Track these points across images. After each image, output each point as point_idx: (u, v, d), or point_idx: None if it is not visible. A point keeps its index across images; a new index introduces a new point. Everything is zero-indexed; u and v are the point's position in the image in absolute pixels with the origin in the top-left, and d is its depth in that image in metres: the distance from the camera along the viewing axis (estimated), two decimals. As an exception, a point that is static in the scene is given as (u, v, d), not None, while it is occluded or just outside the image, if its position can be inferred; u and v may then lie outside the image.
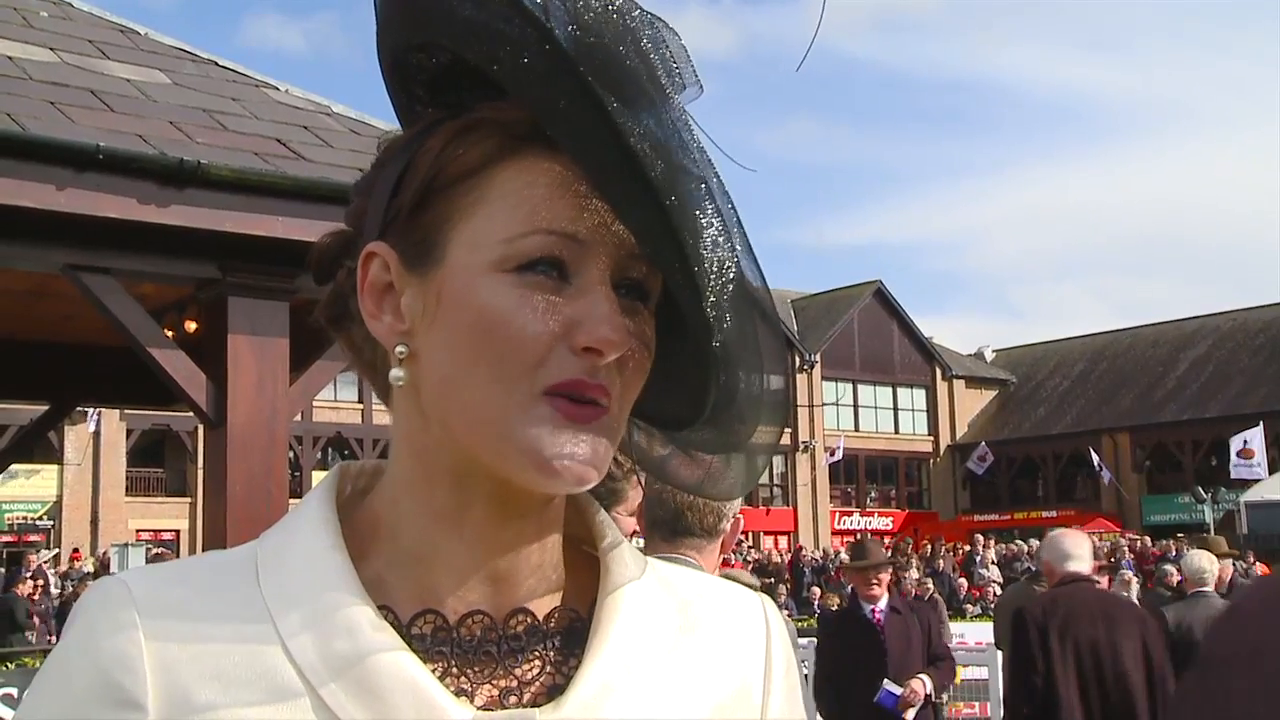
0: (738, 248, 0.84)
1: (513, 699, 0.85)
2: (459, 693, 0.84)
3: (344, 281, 0.90)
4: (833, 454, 43.23)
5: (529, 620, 0.88)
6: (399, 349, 0.85)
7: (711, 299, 0.82)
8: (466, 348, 0.82)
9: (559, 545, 0.91)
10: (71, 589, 20.16)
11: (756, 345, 0.88)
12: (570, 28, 0.79)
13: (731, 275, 0.83)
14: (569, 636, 0.89)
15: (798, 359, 45.18)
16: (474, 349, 0.82)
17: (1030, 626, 5.44)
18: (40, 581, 18.98)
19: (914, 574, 20.90)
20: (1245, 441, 32.56)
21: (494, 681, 0.86)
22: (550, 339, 0.81)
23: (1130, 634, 5.34)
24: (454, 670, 0.85)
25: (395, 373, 0.85)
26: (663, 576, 0.95)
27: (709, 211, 0.82)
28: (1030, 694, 5.36)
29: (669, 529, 2.92)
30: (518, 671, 0.86)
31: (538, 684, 0.86)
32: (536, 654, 0.87)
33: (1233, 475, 31.52)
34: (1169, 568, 13.41)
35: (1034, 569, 9.19)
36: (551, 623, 0.89)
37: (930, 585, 18.44)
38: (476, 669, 0.86)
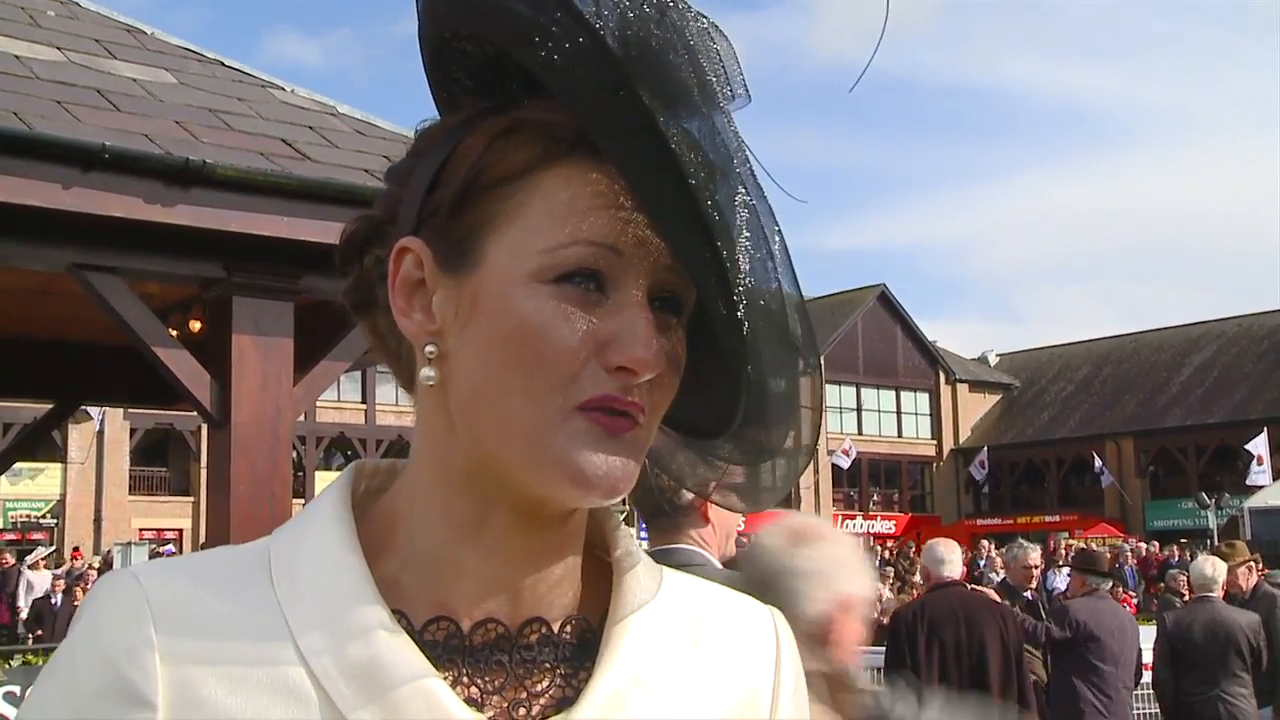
0: (778, 267, 0.83)
1: (521, 710, 0.85)
2: (469, 701, 0.83)
3: (371, 268, 0.88)
4: (848, 454, 43.18)
5: (543, 630, 0.87)
6: (429, 348, 0.84)
7: (746, 320, 0.81)
8: (500, 357, 0.81)
9: (579, 554, 0.90)
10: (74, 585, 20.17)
11: (789, 359, 0.86)
12: (623, 34, 0.77)
13: (768, 290, 0.82)
14: (581, 648, 0.88)
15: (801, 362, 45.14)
16: (508, 359, 0.80)
17: (902, 628, 6.50)
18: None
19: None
20: (1257, 447, 32.72)
21: (504, 692, 0.85)
22: (585, 354, 0.80)
23: (990, 628, 6.23)
24: (465, 679, 0.84)
25: (426, 372, 0.84)
26: (674, 587, 0.94)
27: (750, 228, 0.81)
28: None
29: (662, 515, 2.91)
30: (528, 683, 0.86)
31: (547, 696, 0.86)
32: (548, 665, 0.86)
33: (1249, 482, 31.63)
34: (1177, 573, 13.41)
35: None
36: (565, 634, 0.88)
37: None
38: (487, 678, 0.85)
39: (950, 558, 6.69)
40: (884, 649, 6.62)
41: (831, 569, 2.37)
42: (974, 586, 8.43)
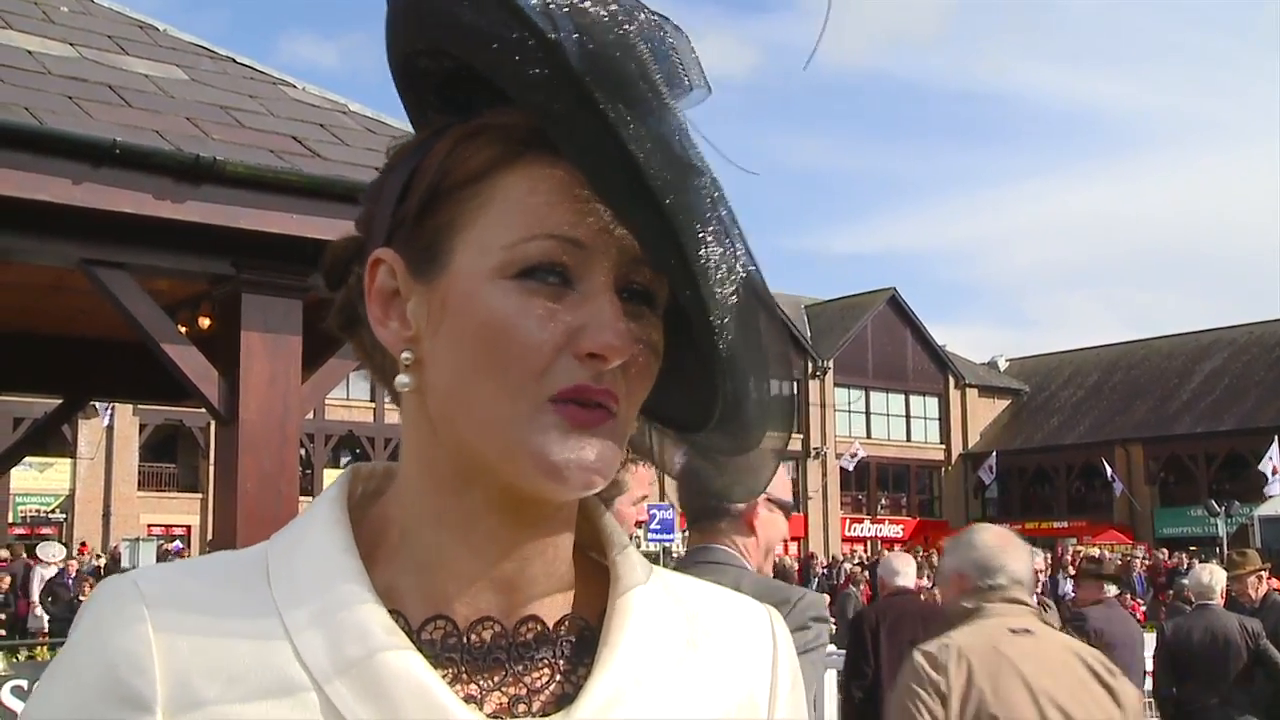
0: (739, 251, 0.84)
1: (521, 707, 0.85)
2: (468, 699, 0.83)
3: (355, 287, 0.90)
4: (854, 455, 43.19)
5: (539, 628, 0.88)
6: (405, 355, 0.85)
7: (715, 302, 0.82)
8: (471, 355, 0.82)
9: (569, 552, 0.91)
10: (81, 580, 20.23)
11: (762, 349, 0.87)
12: (572, 33, 0.78)
13: (734, 278, 0.83)
14: (578, 645, 0.89)
15: (810, 365, 45.13)
16: (478, 356, 0.82)
17: (865, 627, 7.15)
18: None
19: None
20: (1271, 458, 32.44)
21: (503, 689, 0.85)
22: (554, 346, 0.81)
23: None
24: (463, 676, 0.85)
25: (401, 379, 0.86)
26: (671, 587, 0.95)
27: (709, 215, 0.82)
28: (861, 680, 6.98)
29: (707, 519, 2.91)
30: (527, 679, 0.86)
31: (547, 692, 0.86)
32: (546, 662, 0.87)
33: (1267, 493, 31.36)
34: (1187, 582, 13.38)
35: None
36: (561, 631, 0.89)
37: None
38: (485, 676, 0.85)
39: (904, 570, 7.62)
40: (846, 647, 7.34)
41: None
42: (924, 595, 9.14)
